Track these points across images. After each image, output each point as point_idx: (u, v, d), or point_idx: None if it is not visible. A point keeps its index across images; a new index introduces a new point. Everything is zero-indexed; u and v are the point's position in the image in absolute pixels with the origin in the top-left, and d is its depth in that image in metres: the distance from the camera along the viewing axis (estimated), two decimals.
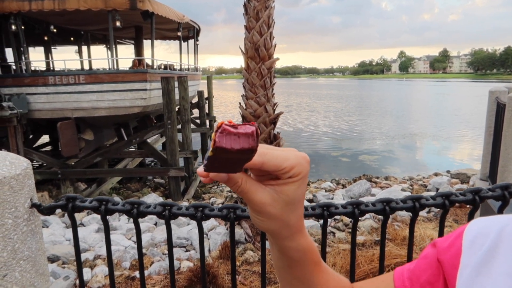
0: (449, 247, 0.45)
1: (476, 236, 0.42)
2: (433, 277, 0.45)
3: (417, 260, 0.50)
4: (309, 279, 0.48)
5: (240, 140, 0.32)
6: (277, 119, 5.40)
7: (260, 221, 0.42)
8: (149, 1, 9.92)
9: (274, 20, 5.53)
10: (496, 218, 0.43)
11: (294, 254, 0.46)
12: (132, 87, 9.49)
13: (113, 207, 0.96)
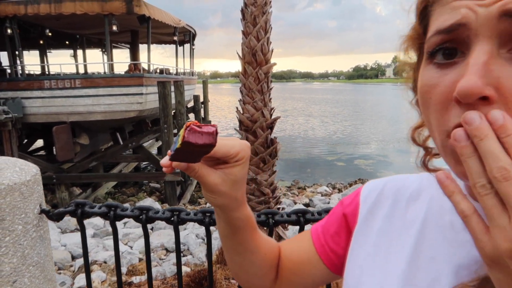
0: (351, 203, 0.59)
1: (368, 192, 0.57)
2: (339, 228, 0.59)
3: (328, 216, 0.63)
4: (249, 242, 0.58)
5: (203, 137, 0.41)
6: (274, 123, 5.43)
7: (213, 198, 0.50)
8: (145, 6, 9.95)
9: (271, 26, 5.58)
10: (384, 178, 0.58)
11: (238, 223, 0.55)
12: (128, 91, 9.48)
13: (122, 213, 0.97)
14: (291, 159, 15.76)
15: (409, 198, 0.52)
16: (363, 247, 0.53)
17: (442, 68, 0.36)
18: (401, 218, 0.51)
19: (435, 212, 0.48)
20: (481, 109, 0.31)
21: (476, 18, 0.32)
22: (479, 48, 0.32)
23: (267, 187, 5.28)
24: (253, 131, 5.22)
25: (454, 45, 0.35)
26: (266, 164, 5.29)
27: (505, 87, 0.31)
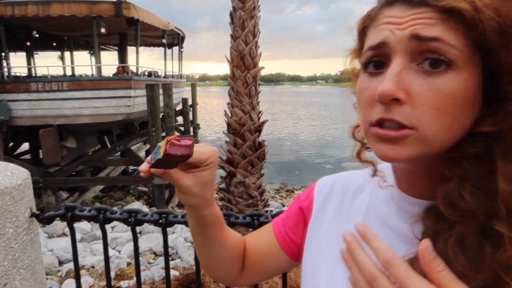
0: (306, 198, 0.67)
1: (321, 188, 0.65)
2: (297, 220, 0.67)
3: (287, 210, 0.70)
4: (218, 236, 0.65)
5: (181, 149, 0.48)
6: (262, 127, 5.47)
7: (186, 199, 0.57)
8: (134, 8, 9.91)
9: (259, 30, 5.64)
10: (335, 175, 0.67)
11: (208, 220, 0.61)
12: (116, 94, 9.41)
13: (111, 216, 0.99)
14: (279, 162, 15.84)
15: (355, 192, 0.61)
16: (317, 236, 0.61)
17: (372, 76, 0.45)
18: (348, 209, 0.60)
19: (375, 203, 0.57)
20: (394, 108, 0.41)
21: (395, 38, 0.42)
22: (395, 61, 0.42)
23: (255, 190, 5.32)
24: (241, 134, 5.25)
25: (381, 59, 0.44)
26: (254, 167, 5.33)
27: (413, 92, 0.41)
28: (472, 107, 0.41)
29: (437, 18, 0.40)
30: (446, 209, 0.41)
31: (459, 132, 0.42)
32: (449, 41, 0.39)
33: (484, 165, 0.40)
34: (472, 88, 0.40)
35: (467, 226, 0.39)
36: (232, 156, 5.33)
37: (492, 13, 0.38)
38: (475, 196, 0.39)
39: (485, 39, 0.39)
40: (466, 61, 0.40)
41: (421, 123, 0.40)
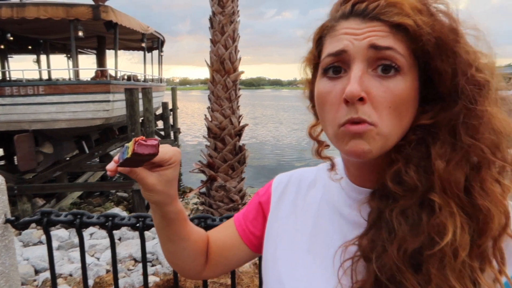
0: (264, 194, 0.73)
1: (278, 184, 0.72)
2: (256, 214, 0.72)
3: (247, 206, 0.75)
4: (181, 231, 0.68)
5: (148, 148, 0.52)
6: (242, 131, 5.50)
7: (151, 196, 0.60)
8: (112, 12, 9.80)
9: (239, 34, 5.68)
10: (290, 172, 0.73)
11: (172, 216, 0.65)
12: (95, 98, 9.26)
13: (88, 221, 1.00)
14: (260, 166, 15.88)
15: (308, 186, 0.68)
16: (275, 228, 0.67)
17: (332, 80, 0.51)
18: (303, 202, 0.66)
19: (327, 195, 0.64)
20: (359, 108, 0.47)
21: (353, 47, 0.48)
22: (356, 66, 0.48)
23: (236, 194, 5.33)
24: (222, 138, 5.27)
25: (340, 65, 0.50)
26: (235, 171, 5.35)
27: (372, 93, 0.47)
28: (414, 105, 0.50)
29: (388, 31, 0.47)
30: (394, 185, 0.48)
31: (406, 125, 0.50)
32: (399, 50, 0.47)
33: (423, 149, 0.48)
34: (414, 89, 0.49)
35: (409, 199, 0.47)
36: (213, 160, 5.33)
37: (429, 29, 0.46)
38: (417, 173, 0.47)
39: (424, 50, 0.47)
40: (409, 67, 0.48)
41: (380, 121, 0.47)
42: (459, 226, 0.45)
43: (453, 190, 0.46)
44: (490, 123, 0.47)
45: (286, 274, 0.61)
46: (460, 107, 0.47)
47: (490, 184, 0.46)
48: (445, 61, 0.47)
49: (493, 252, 0.46)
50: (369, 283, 0.48)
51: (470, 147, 0.46)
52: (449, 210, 0.45)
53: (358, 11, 0.49)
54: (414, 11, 0.47)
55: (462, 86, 0.47)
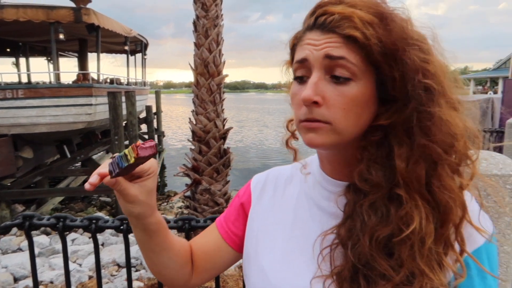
0: (244, 193, 0.77)
1: (256, 183, 0.76)
2: (238, 215, 0.75)
3: (228, 208, 0.78)
4: (164, 242, 0.69)
5: (148, 150, 0.54)
6: (226, 134, 5.50)
7: (133, 207, 0.61)
8: (94, 14, 9.67)
9: (223, 38, 5.70)
10: (266, 171, 0.78)
11: (153, 227, 0.66)
12: (76, 102, 9.10)
13: (71, 224, 0.99)
14: (246, 169, 15.88)
15: (285, 182, 0.73)
16: (256, 223, 0.71)
17: (300, 84, 0.58)
18: (281, 197, 0.71)
19: (304, 189, 0.69)
20: (314, 109, 0.54)
21: (313, 56, 0.55)
22: (314, 73, 0.55)
23: (221, 197, 5.33)
24: (206, 141, 5.26)
25: (303, 73, 0.57)
26: (220, 174, 5.34)
27: (326, 97, 0.54)
28: (370, 107, 0.55)
29: (342, 42, 0.53)
30: (361, 183, 0.55)
31: (363, 125, 0.56)
32: (350, 59, 0.53)
33: (384, 149, 0.55)
34: (368, 93, 0.54)
35: (376, 194, 0.54)
36: (197, 163, 5.32)
37: (376, 40, 0.52)
38: (380, 171, 0.54)
39: (373, 58, 0.53)
40: (362, 74, 0.54)
41: (335, 120, 0.54)
42: (424, 216, 0.51)
43: (415, 186, 0.51)
44: (442, 124, 0.51)
45: (268, 264, 0.65)
46: (411, 109, 0.52)
47: (447, 180, 0.52)
48: (394, 68, 0.52)
49: (456, 238, 0.53)
50: (347, 268, 0.54)
51: (424, 147, 0.51)
52: (415, 203, 0.51)
53: (319, 24, 0.55)
54: (364, 24, 0.52)
55: (410, 90, 0.52)
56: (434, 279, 0.50)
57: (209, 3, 5.37)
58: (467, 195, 0.56)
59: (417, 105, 0.51)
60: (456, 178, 0.53)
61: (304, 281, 0.59)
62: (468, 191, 0.57)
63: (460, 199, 0.52)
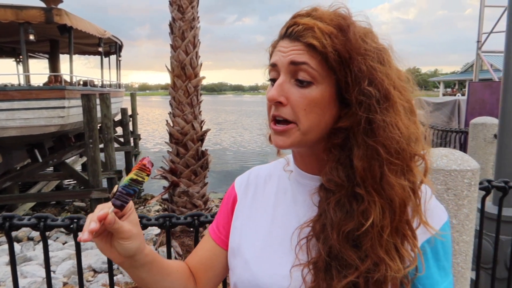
0: (230, 195, 0.81)
1: (240, 183, 0.81)
2: (228, 219, 0.79)
3: (217, 214, 0.83)
4: (163, 267, 0.71)
5: (148, 164, 0.59)
6: (204, 136, 5.52)
7: (131, 243, 0.61)
8: (67, 15, 9.45)
9: (199, 40, 5.71)
10: (247, 171, 0.83)
11: (150, 258, 0.67)
12: (48, 104, 8.86)
13: (53, 223, 1.01)
14: (224, 171, 15.87)
15: (265, 180, 0.79)
16: (240, 220, 0.76)
17: (272, 86, 0.64)
18: (262, 194, 0.77)
19: (282, 185, 0.75)
20: (280, 108, 0.61)
21: (281, 62, 0.62)
22: (281, 77, 0.62)
23: (199, 199, 5.33)
24: (184, 143, 5.26)
25: (275, 75, 0.64)
26: (198, 176, 5.35)
27: (290, 98, 0.61)
28: (331, 109, 0.61)
29: (304, 49, 0.60)
30: (327, 183, 0.62)
31: (325, 126, 0.62)
32: (312, 65, 0.59)
33: (346, 151, 0.61)
34: (327, 96, 0.60)
35: (340, 192, 0.60)
36: (175, 165, 5.31)
37: (332, 49, 0.58)
38: (343, 172, 0.60)
39: (330, 64, 0.59)
40: (322, 78, 0.60)
41: (298, 119, 0.60)
42: (380, 211, 0.57)
43: (371, 184, 0.58)
44: (385, 127, 0.57)
45: (251, 256, 0.70)
46: (361, 114, 0.58)
47: (395, 178, 0.58)
48: (347, 74, 0.59)
49: (409, 230, 0.60)
50: (322, 259, 0.60)
51: (373, 148, 0.58)
52: (372, 199, 0.57)
53: (288, 33, 0.62)
54: (323, 34, 0.58)
55: (357, 96, 0.58)
56: (393, 266, 0.56)
57: (185, 5, 5.38)
58: (426, 190, 0.63)
59: (364, 110, 0.58)
60: (403, 177, 0.59)
61: (284, 270, 0.64)
62: (429, 186, 0.64)
63: (403, 195, 0.58)
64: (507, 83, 2.18)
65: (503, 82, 2.22)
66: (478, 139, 3.42)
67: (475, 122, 3.49)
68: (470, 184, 1.33)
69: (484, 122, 3.41)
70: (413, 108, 0.62)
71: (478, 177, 1.37)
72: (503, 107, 2.22)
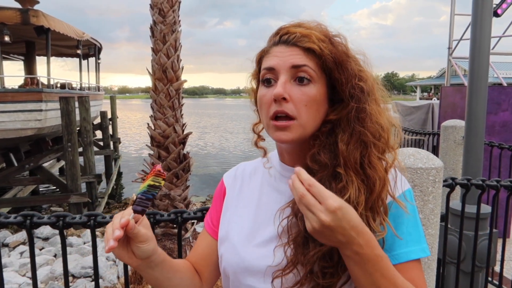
0: (220, 190, 0.89)
1: (228, 178, 0.89)
2: (219, 210, 0.86)
3: (210, 209, 0.90)
4: (172, 265, 0.76)
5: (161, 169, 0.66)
6: (186, 139, 5.54)
7: (148, 245, 0.67)
8: (44, 16, 9.28)
9: (181, 44, 5.74)
10: (234, 167, 0.91)
11: (162, 256, 0.72)
12: (25, 107, 8.65)
13: (39, 221, 1.04)
14: (206, 175, 15.82)
15: (250, 174, 0.87)
16: (229, 210, 0.84)
17: (267, 87, 0.72)
18: (247, 187, 0.85)
19: (266, 178, 0.83)
20: (283, 104, 0.68)
21: (280, 65, 0.70)
22: (282, 77, 0.69)
23: (180, 202, 5.34)
24: (166, 146, 5.26)
25: (271, 77, 0.71)
26: (179, 179, 5.36)
27: (292, 96, 0.68)
28: (324, 105, 0.71)
29: (303, 53, 0.69)
30: (311, 163, 0.69)
31: (319, 120, 0.71)
32: (311, 66, 0.68)
33: (331, 138, 0.69)
34: (322, 93, 0.70)
35: (323, 172, 0.67)
36: None
37: (328, 51, 0.69)
38: (327, 154, 0.68)
39: (327, 66, 0.69)
40: (318, 78, 0.70)
41: (299, 114, 0.68)
42: (356, 188, 0.64)
43: (352, 164, 0.66)
44: (372, 116, 0.69)
45: (238, 241, 0.77)
46: (352, 105, 0.69)
47: (375, 160, 0.67)
48: (341, 73, 0.69)
49: (382, 205, 0.67)
50: (300, 235, 0.66)
51: (360, 133, 0.67)
52: (350, 178, 0.65)
53: (283, 40, 0.71)
54: (319, 41, 0.68)
55: (350, 90, 0.69)
56: None
57: (166, 9, 5.41)
58: (395, 174, 0.72)
59: (355, 102, 0.68)
60: (383, 159, 0.69)
61: (268, 250, 0.72)
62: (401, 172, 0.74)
63: (383, 175, 0.67)
64: (472, 88, 2.33)
65: (468, 87, 2.36)
66: (448, 141, 3.59)
67: (446, 125, 3.66)
68: (434, 181, 1.44)
69: (454, 124, 3.59)
70: (385, 104, 0.74)
71: (442, 174, 1.48)
72: (469, 110, 2.37)
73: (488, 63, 2.35)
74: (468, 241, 2.02)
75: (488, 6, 2.29)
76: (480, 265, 2.05)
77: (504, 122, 4.26)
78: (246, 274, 0.74)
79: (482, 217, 2.05)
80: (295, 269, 0.66)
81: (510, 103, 4.21)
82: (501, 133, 4.27)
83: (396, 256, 0.68)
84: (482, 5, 2.28)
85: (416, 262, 0.69)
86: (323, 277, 0.64)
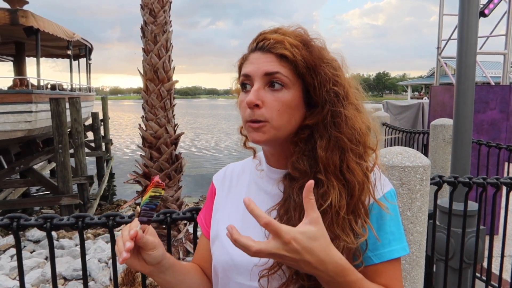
0: (211, 191, 0.91)
1: (217, 179, 0.92)
2: (211, 210, 0.88)
3: (203, 209, 0.92)
4: (181, 267, 0.79)
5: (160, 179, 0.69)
6: (178, 139, 5.52)
7: (157, 251, 0.69)
8: (33, 17, 9.19)
9: (172, 44, 5.72)
10: (224, 168, 0.94)
11: (171, 260, 0.75)
12: (14, 109, 8.56)
13: (26, 223, 1.03)
14: (199, 175, 15.77)
15: (238, 174, 0.90)
16: (219, 211, 0.86)
17: (245, 93, 0.74)
18: (236, 187, 0.88)
19: (253, 178, 0.85)
20: (256, 111, 0.70)
21: (255, 72, 0.72)
22: (255, 84, 0.72)
23: (173, 203, 5.33)
24: (157, 147, 5.25)
25: (248, 82, 0.74)
26: (172, 180, 5.35)
27: (265, 101, 0.70)
28: (300, 110, 0.72)
29: (276, 60, 0.70)
30: (292, 171, 0.72)
31: (295, 124, 0.72)
32: (283, 73, 0.70)
33: (310, 144, 0.71)
34: (297, 98, 0.72)
35: (304, 179, 0.68)
36: (148, 169, 5.28)
37: (301, 58, 0.70)
38: (306, 162, 0.70)
39: (299, 71, 0.70)
40: (292, 84, 0.71)
41: (272, 118, 0.70)
42: (337, 193, 0.66)
43: (332, 170, 0.68)
44: (348, 121, 0.70)
45: (228, 240, 0.77)
46: (327, 110, 0.70)
47: (353, 164, 0.69)
48: (314, 78, 0.71)
49: (362, 208, 0.69)
50: None
51: (337, 138, 0.69)
52: (331, 184, 0.67)
53: (259, 47, 0.73)
54: (292, 47, 0.70)
55: (325, 95, 0.70)
56: (347, 240, 0.65)
57: (157, 9, 5.39)
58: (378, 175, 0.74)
59: (330, 106, 0.70)
60: (361, 163, 0.70)
61: None
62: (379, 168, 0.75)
63: (362, 179, 0.68)
64: (459, 87, 2.36)
65: (456, 86, 2.40)
66: (438, 139, 3.64)
67: (435, 124, 3.70)
68: (422, 179, 1.46)
69: (443, 123, 3.63)
70: (361, 107, 0.75)
71: (429, 172, 1.50)
72: (457, 109, 2.40)
73: (475, 62, 2.38)
74: (456, 238, 2.04)
75: (474, 6, 2.33)
76: (468, 262, 2.08)
77: (492, 121, 4.32)
78: (235, 271, 0.76)
79: (470, 214, 2.07)
80: (280, 269, 0.68)
81: (498, 102, 4.28)
82: (489, 131, 4.33)
83: (379, 256, 0.70)
84: (469, 6, 2.32)
85: (397, 261, 0.72)
86: (308, 280, 0.66)
